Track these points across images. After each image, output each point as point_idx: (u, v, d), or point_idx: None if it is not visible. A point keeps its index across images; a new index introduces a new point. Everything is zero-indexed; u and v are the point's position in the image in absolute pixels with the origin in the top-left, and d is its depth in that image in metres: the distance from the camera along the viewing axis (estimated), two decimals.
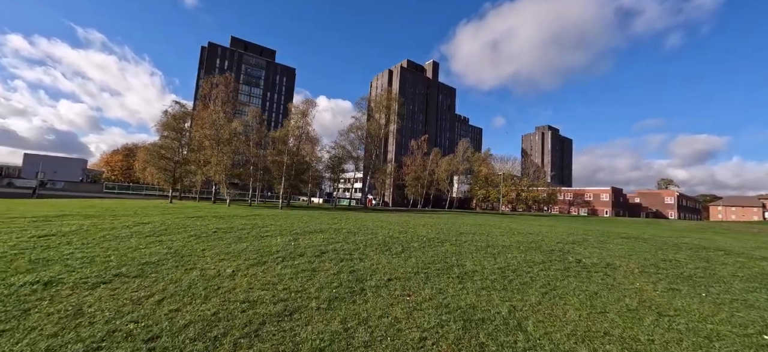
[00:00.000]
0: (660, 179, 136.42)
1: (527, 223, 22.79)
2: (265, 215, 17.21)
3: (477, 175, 73.07)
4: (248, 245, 8.47)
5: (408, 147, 78.76)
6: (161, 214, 14.91)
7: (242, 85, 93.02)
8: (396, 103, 38.98)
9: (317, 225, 13.26)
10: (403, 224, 15.88)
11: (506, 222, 22.06)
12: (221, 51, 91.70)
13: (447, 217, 25.50)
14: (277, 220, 14.79)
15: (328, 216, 19.21)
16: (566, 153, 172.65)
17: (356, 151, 41.27)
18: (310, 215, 19.03)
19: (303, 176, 42.52)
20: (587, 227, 21.78)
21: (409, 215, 26.42)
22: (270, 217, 16.27)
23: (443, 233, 12.53)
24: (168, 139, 34.52)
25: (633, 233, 17.28)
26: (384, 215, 22.97)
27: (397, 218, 20.73)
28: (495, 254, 8.87)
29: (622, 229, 21.03)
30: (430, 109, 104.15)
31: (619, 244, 12.27)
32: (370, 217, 20.07)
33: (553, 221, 27.78)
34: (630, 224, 28.60)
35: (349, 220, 16.75)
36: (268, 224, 12.72)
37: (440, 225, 16.19)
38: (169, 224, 11.43)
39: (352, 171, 45.22)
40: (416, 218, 21.95)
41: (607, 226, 24.34)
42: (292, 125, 31.17)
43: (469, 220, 22.63)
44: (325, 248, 8.21)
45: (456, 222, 19.15)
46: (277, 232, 10.80)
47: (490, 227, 16.88)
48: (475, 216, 30.15)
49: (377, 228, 13.09)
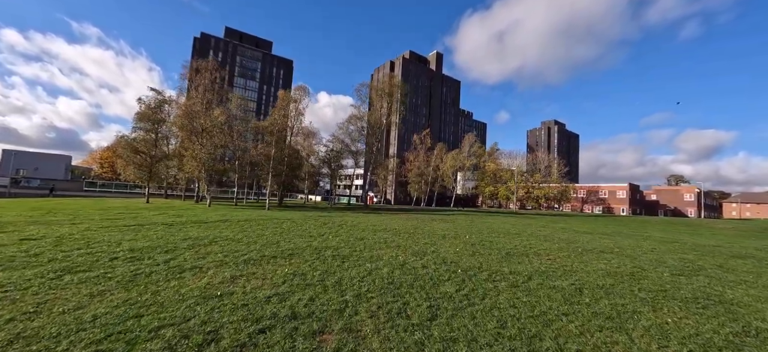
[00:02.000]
0: (670, 176, 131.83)
1: (566, 229, 18.76)
2: (236, 221, 13.26)
3: (484, 171, 69.00)
4: (125, 296, 4.50)
5: (410, 142, 74.67)
6: (101, 219, 10.98)
7: (237, 78, 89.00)
8: (399, 90, 34.87)
9: (295, 240, 9.29)
10: (413, 233, 11.90)
11: (538, 227, 18.04)
12: (214, 42, 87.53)
13: (463, 219, 21.46)
14: (246, 229, 10.85)
15: (319, 221, 15.26)
16: (573, 149, 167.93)
17: (355, 144, 37.29)
18: (296, 220, 15.08)
19: (297, 172, 38.70)
20: (663, 235, 17.74)
21: (417, 216, 22.42)
22: (239, 224, 12.32)
23: (479, 254, 8.52)
24: (142, 132, 30.61)
25: (749, 247, 13.21)
26: (387, 218, 19.02)
27: (404, 222, 16.75)
28: (613, 314, 4.84)
29: (708, 239, 16.96)
30: (434, 102, 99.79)
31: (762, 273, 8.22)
32: (370, 222, 16.10)
33: (588, 225, 23.76)
34: (694, 227, 24.45)
35: (342, 228, 12.78)
36: (224, 239, 8.79)
37: (462, 234, 12.21)
38: (78, 237, 7.47)
39: (352, 167, 41.25)
40: (427, 221, 17.96)
41: (672, 232, 20.24)
42: (282, 114, 27.08)
43: (491, 224, 18.61)
44: (276, 312, 4.19)
45: (479, 227, 15.16)
46: (223, 256, 6.83)
47: (531, 237, 12.84)
48: (493, 217, 26.11)
49: (379, 244, 9.11)
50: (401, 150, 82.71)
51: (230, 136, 29.00)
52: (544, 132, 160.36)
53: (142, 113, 30.39)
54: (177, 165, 29.41)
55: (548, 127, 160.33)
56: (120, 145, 30.69)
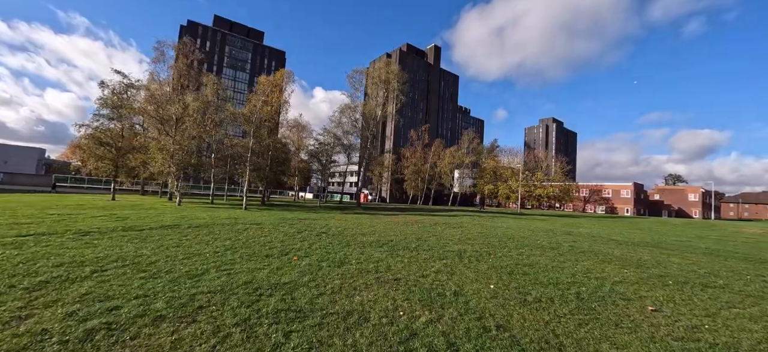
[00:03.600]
0: (668, 175, 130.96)
1: (613, 237, 15.86)
2: (185, 227, 10.07)
3: (483, 169, 66.32)
4: None
5: (407, 137, 71.56)
6: (9, 224, 7.75)
7: (226, 69, 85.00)
8: (396, 78, 31.67)
9: (237, 266, 6.16)
10: (416, 247, 8.85)
11: (565, 233, 15.11)
12: (202, 31, 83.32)
13: (468, 222, 18.45)
14: (182, 243, 7.69)
15: (295, 227, 12.15)
16: (571, 147, 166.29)
17: (348, 137, 34.12)
18: (265, 226, 11.94)
19: (284, 168, 35.45)
20: (703, 232, 14.96)
21: (416, 218, 19.37)
22: (183, 233, 9.14)
23: (531, 298, 5.49)
24: (105, 120, 27.13)
25: None
26: (382, 221, 15.98)
27: (402, 228, 13.69)
28: None
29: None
30: (432, 97, 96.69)
31: None
32: (361, 227, 13.02)
33: (629, 227, 20.95)
34: (735, 232, 21.75)
35: (321, 239, 9.70)
36: (124, 262, 5.63)
37: (483, 249, 9.21)
38: None
39: (344, 163, 38.10)
40: (430, 226, 14.92)
41: (711, 239, 17.46)
42: (262, 100, 23.74)
43: (506, 229, 15.63)
44: None
45: (495, 234, 12.17)
46: (73, 306, 3.72)
47: (579, 254, 9.86)
48: (501, 219, 23.15)
49: (366, 275, 6.02)
50: (397, 146, 79.66)
51: (204, 126, 25.66)
52: (542, 130, 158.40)
53: (105, 99, 26.88)
54: (143, 158, 26.00)
55: (546, 124, 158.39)
56: (82, 135, 27.25)
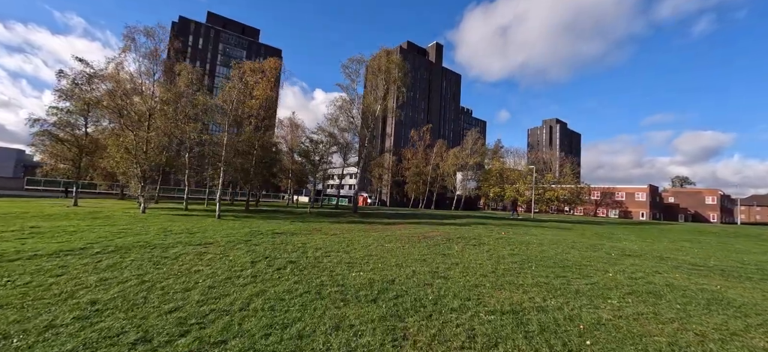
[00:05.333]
0: (675, 177, 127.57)
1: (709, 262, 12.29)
2: (99, 249, 6.57)
3: (489, 170, 62.86)
4: None
5: (408, 138, 68.23)
6: None
7: (219, 67, 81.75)
8: (398, 69, 28.24)
9: None
10: (427, 280, 5.36)
11: (616, 244, 11.55)
12: (195, 28, 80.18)
13: (487, 235, 14.82)
14: (65, 278, 4.21)
15: (257, 251, 8.64)
16: (575, 148, 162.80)
17: (344, 135, 30.66)
18: (217, 246, 8.44)
19: (273, 169, 31.94)
20: None
21: (420, 228, 15.77)
22: (97, 259, 5.63)
23: None
24: (63, 114, 23.70)
25: None
26: (379, 233, 12.44)
27: (405, 245, 10.14)
28: None
29: None
30: (433, 96, 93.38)
31: None
32: (348, 244, 9.48)
33: (651, 235, 17.37)
34: None
35: (280, 278, 6.20)
36: None
37: (538, 288, 5.72)
38: None
39: (340, 166, 34.63)
40: (441, 243, 11.34)
41: None
42: (238, 88, 20.15)
43: (544, 246, 12.06)
44: None
45: (536, 253, 8.62)
46: None
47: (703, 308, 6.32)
48: (524, 228, 19.49)
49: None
50: (398, 146, 76.24)
51: (175, 120, 22.15)
52: (546, 131, 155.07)
53: (64, 91, 23.42)
54: (105, 156, 22.54)
55: (550, 125, 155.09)
56: (36, 132, 23.83)
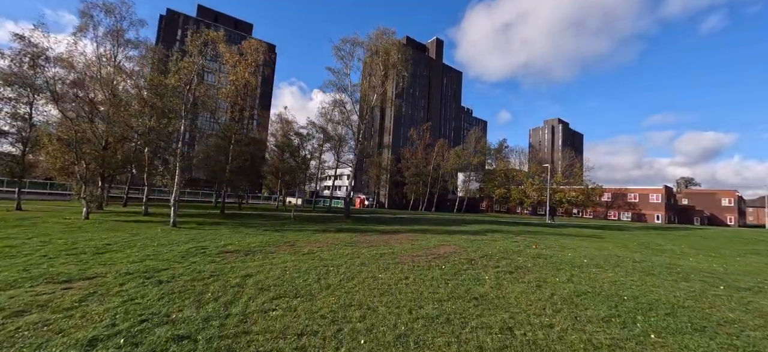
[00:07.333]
0: (679, 178, 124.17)
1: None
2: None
3: (493, 171, 59.37)
4: None
5: (407, 137, 64.81)
6: None
7: (210, 63, 78.02)
8: (398, 53, 24.70)
9: None
10: None
11: (671, 259, 7.95)
12: (184, 21, 76.58)
13: (512, 248, 11.14)
14: None
15: (172, 286, 4.94)
16: (577, 149, 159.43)
17: (337, 127, 27.04)
18: (109, 284, 4.77)
19: (260, 169, 28.32)
20: None
21: (425, 237, 12.11)
22: None
23: None
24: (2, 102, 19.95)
25: None
26: (370, 248, 8.81)
27: (406, 278, 6.51)
28: None
29: None
30: (433, 94, 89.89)
31: None
32: (322, 276, 5.86)
33: (696, 244, 13.74)
34: None
35: None
36: None
37: None
38: None
39: (331, 166, 31.00)
40: (464, 268, 7.73)
41: None
42: (191, 64, 16.33)
43: (585, 253, 8.42)
44: None
45: (604, 286, 5.08)
46: None
47: None
48: (551, 238, 15.81)
49: None
50: (396, 145, 72.69)
51: (125, 110, 18.40)
52: (548, 131, 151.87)
53: (3, 76, 19.63)
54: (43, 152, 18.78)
55: (552, 125, 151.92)
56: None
